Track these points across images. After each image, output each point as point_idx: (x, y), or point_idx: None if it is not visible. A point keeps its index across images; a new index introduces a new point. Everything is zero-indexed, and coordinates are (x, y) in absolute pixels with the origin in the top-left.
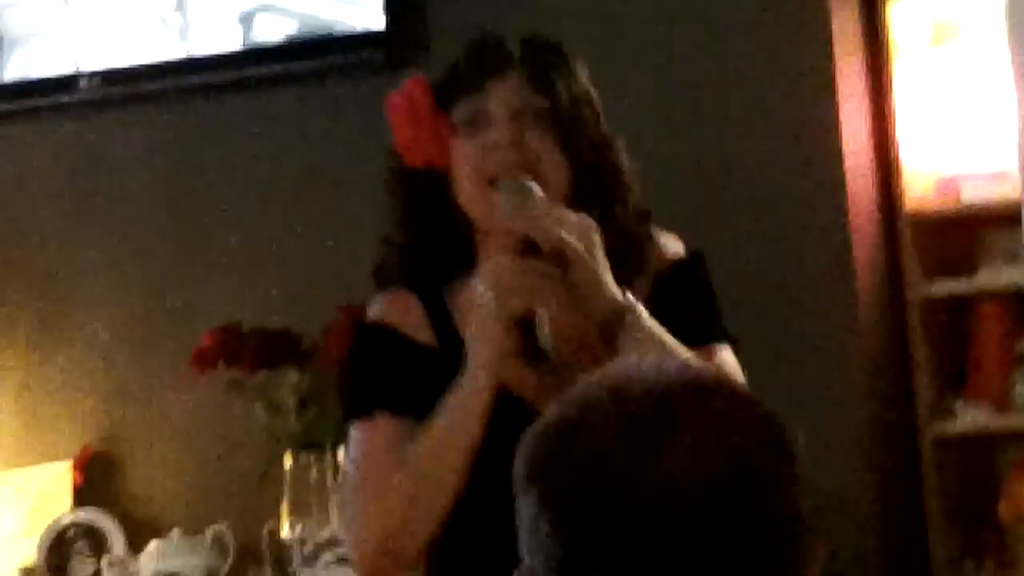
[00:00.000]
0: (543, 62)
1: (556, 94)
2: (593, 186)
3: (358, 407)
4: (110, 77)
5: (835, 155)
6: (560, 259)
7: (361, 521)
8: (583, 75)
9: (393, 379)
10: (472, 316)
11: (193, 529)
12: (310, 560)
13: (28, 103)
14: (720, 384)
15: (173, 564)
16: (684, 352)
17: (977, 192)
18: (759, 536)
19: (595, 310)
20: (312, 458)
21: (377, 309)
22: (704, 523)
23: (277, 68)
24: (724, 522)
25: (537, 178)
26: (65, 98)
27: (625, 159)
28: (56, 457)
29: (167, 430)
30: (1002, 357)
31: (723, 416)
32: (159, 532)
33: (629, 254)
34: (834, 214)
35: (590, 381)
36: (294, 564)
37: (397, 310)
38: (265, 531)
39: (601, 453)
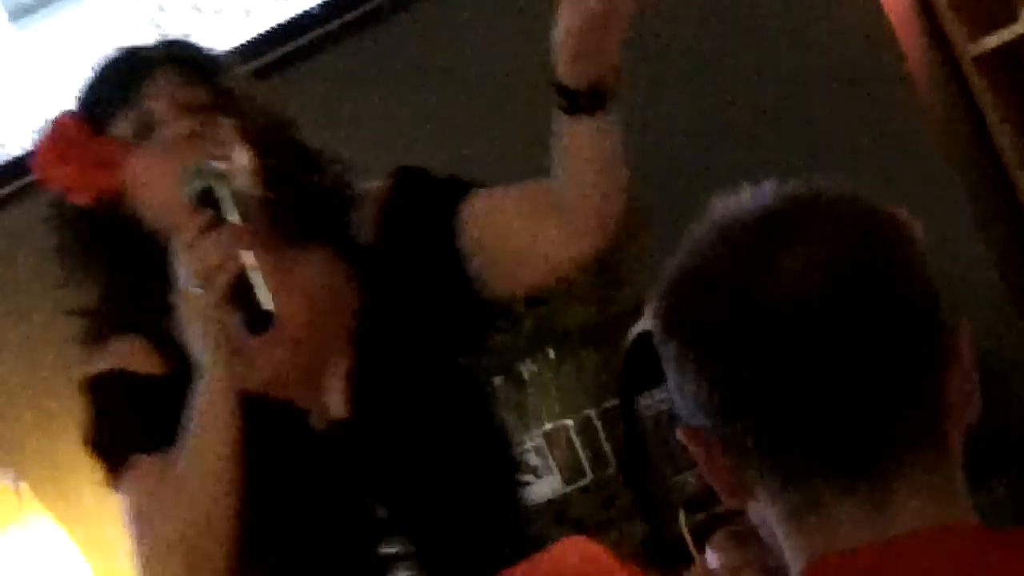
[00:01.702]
0: (192, 56)
1: (217, 82)
2: (283, 165)
3: (112, 462)
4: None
5: None
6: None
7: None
8: (235, 66)
9: (135, 419)
10: (185, 320)
11: None
12: None
13: None
14: (819, 189)
15: None
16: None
17: None
18: (896, 319)
19: None
20: None
21: (102, 360)
22: (839, 321)
23: None
24: (858, 316)
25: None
26: None
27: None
28: None
29: None
30: None
31: (831, 217)
32: None
33: (329, 223)
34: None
35: (695, 226)
36: None
37: (119, 353)
38: None
39: (722, 286)
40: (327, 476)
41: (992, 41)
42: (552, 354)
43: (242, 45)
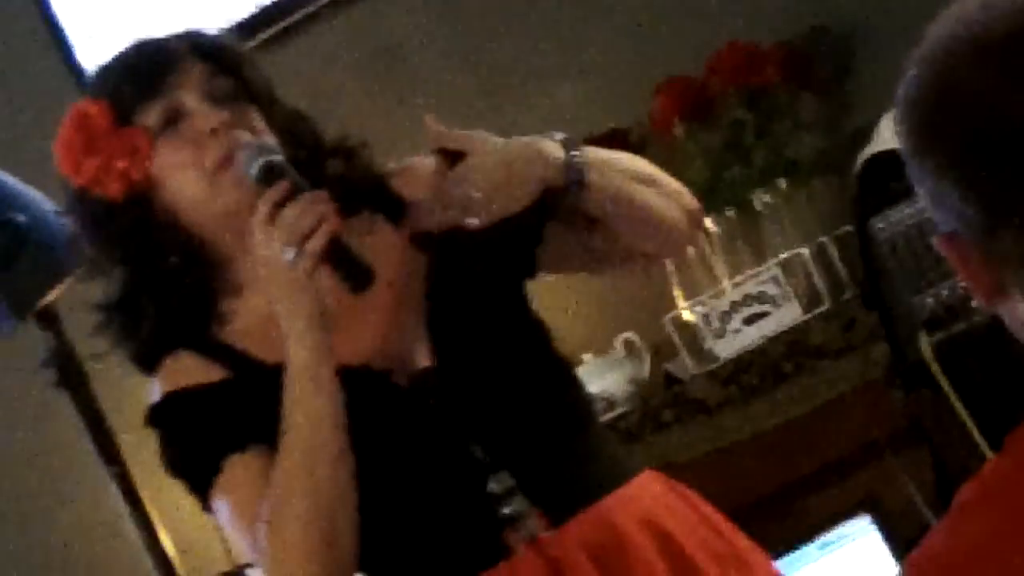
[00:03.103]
0: (217, 48)
1: (244, 73)
2: (306, 155)
3: (203, 474)
4: None
5: None
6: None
7: (280, 562)
8: (257, 61)
9: (215, 427)
10: (273, 296)
11: (603, 348)
12: (718, 330)
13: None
14: None
15: (598, 385)
16: (638, 163)
17: None
18: None
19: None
20: None
21: (158, 387)
22: None
23: None
24: None
25: None
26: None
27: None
28: None
29: None
30: None
31: None
32: (573, 363)
33: (375, 198)
34: None
35: (932, 34)
36: (707, 340)
37: (174, 373)
38: (667, 320)
39: (981, 102)
40: (422, 429)
41: None
42: (783, 184)
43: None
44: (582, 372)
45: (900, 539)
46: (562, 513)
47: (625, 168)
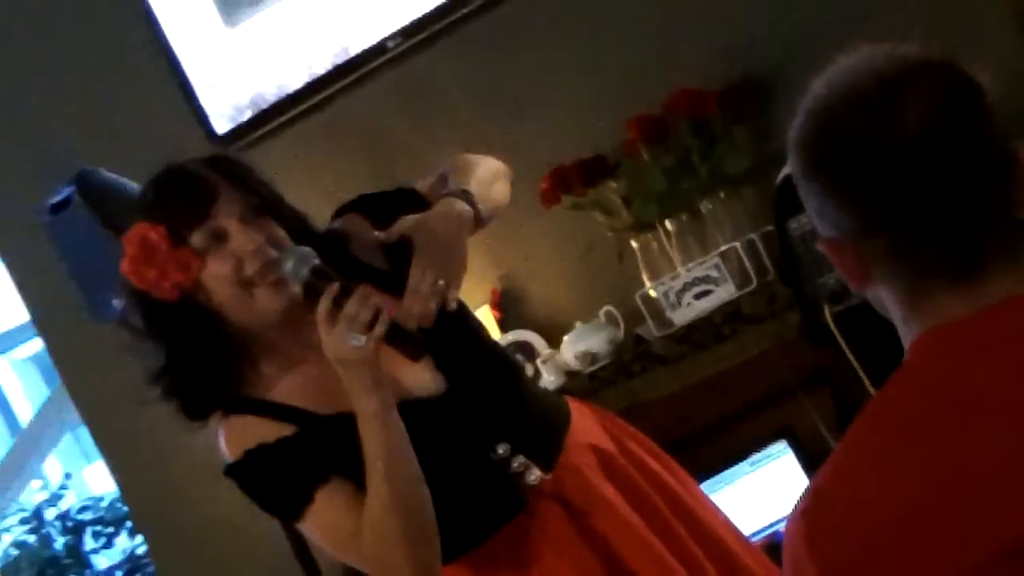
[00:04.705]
0: (236, 172)
1: (258, 191)
2: (299, 233)
3: (296, 506)
4: (408, 31)
5: None
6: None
7: (396, 569)
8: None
9: (301, 468)
10: (343, 374)
11: (588, 317)
12: (673, 304)
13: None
14: (921, 54)
15: (585, 344)
16: (488, 168)
17: None
18: (988, 148)
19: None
20: (649, 235)
21: (232, 447)
22: (947, 160)
23: None
24: (959, 155)
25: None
26: (379, 60)
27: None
28: (476, 304)
29: (543, 255)
30: None
31: (937, 76)
32: (566, 328)
33: (338, 249)
34: None
35: (819, 84)
36: (666, 310)
37: (242, 434)
38: (637, 296)
39: (856, 135)
40: (452, 430)
41: None
42: (722, 194)
43: None
44: (572, 336)
45: (809, 459)
46: (546, 456)
47: (489, 183)
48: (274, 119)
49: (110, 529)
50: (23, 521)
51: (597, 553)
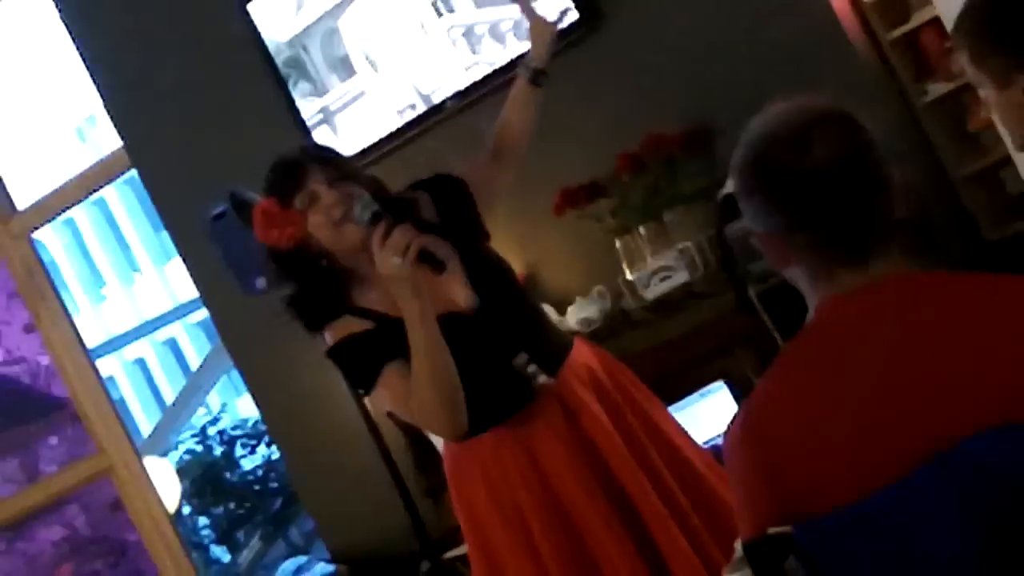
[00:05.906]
0: (320, 153)
1: (337, 164)
2: (375, 192)
3: (371, 376)
4: (464, 93)
5: None
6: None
7: (435, 425)
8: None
9: (377, 350)
10: (391, 287)
11: (586, 293)
12: (645, 284)
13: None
14: (825, 107)
15: (584, 313)
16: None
17: None
18: (873, 172)
19: None
20: (629, 237)
21: (334, 336)
22: (848, 180)
23: None
24: (857, 176)
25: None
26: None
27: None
28: None
29: (555, 249)
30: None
31: (837, 121)
32: (570, 301)
33: (405, 207)
34: None
35: (752, 126)
36: (640, 289)
37: (342, 328)
38: (620, 280)
39: (782, 163)
40: (481, 338)
41: (900, 31)
42: (681, 208)
43: None
44: (575, 307)
45: (740, 393)
46: (552, 366)
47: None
48: (366, 157)
49: (253, 441)
50: (193, 436)
51: (581, 441)
